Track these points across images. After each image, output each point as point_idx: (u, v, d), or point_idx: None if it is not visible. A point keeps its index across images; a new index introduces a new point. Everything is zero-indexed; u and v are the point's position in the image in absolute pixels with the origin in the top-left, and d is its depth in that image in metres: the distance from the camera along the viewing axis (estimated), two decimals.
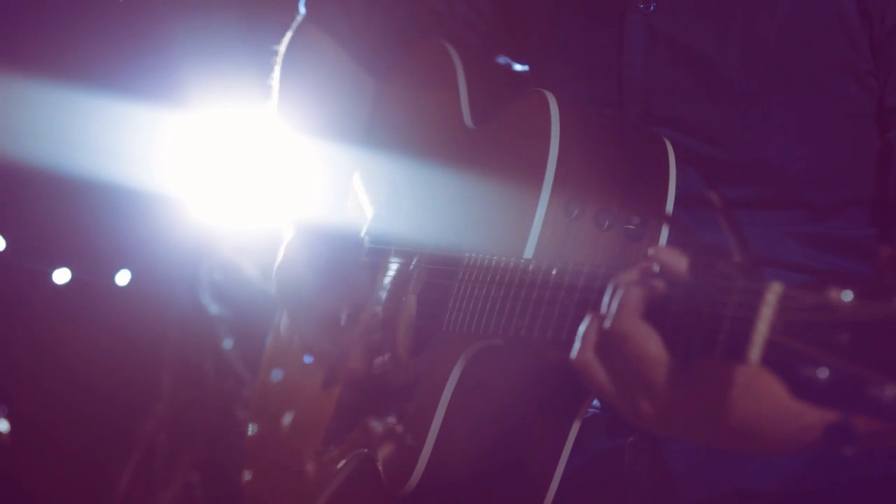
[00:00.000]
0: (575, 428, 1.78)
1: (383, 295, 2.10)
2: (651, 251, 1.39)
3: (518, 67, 2.21)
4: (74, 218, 3.58)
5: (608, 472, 1.89)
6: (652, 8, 1.91)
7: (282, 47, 2.38)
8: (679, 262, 1.35)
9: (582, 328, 1.44)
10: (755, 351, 1.19)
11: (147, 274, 3.71)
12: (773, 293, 1.19)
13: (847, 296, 1.10)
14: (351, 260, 2.20)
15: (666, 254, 1.37)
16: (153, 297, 3.75)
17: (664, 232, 1.75)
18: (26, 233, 3.58)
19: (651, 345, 1.35)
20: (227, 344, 3.81)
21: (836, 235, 1.88)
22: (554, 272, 1.61)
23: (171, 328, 3.80)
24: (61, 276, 3.64)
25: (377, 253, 2.17)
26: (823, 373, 1.11)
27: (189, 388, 3.80)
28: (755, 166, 1.86)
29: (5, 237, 3.53)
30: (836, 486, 1.80)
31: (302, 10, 2.38)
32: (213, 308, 3.82)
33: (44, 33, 3.44)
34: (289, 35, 2.38)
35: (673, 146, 1.82)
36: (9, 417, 3.58)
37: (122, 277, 3.70)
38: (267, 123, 2.43)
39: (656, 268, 1.38)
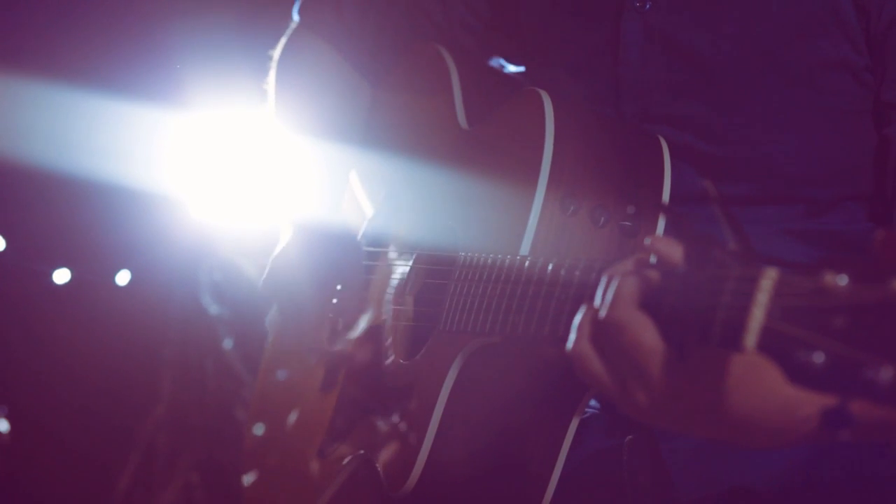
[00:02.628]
0: (573, 425, 1.78)
1: (380, 296, 2.09)
2: (647, 241, 1.38)
3: (513, 69, 2.20)
4: (74, 218, 3.58)
5: (606, 472, 1.89)
6: (648, 6, 1.91)
7: (276, 52, 2.37)
8: (674, 251, 1.35)
9: (577, 319, 1.43)
10: (751, 338, 1.19)
11: (147, 274, 3.71)
12: (769, 279, 1.19)
13: (842, 280, 1.10)
14: (347, 261, 2.19)
15: (661, 243, 1.36)
16: (153, 297, 3.76)
17: (660, 226, 1.75)
18: (26, 233, 3.58)
19: (647, 334, 1.34)
20: (227, 344, 3.81)
21: (833, 231, 1.88)
22: (550, 268, 1.61)
23: (171, 328, 3.80)
24: (61, 276, 3.64)
25: (373, 255, 2.16)
26: (819, 357, 1.10)
27: (189, 388, 3.81)
28: (751, 163, 1.86)
29: (5, 237, 3.54)
30: (834, 484, 1.79)
31: (296, 16, 2.36)
32: (213, 308, 3.82)
33: (44, 33, 3.44)
34: (283, 40, 2.37)
35: (669, 143, 1.82)
36: (9, 417, 3.58)
37: (122, 277, 3.70)
38: (266, 125, 2.43)
39: (652, 258, 1.37)
